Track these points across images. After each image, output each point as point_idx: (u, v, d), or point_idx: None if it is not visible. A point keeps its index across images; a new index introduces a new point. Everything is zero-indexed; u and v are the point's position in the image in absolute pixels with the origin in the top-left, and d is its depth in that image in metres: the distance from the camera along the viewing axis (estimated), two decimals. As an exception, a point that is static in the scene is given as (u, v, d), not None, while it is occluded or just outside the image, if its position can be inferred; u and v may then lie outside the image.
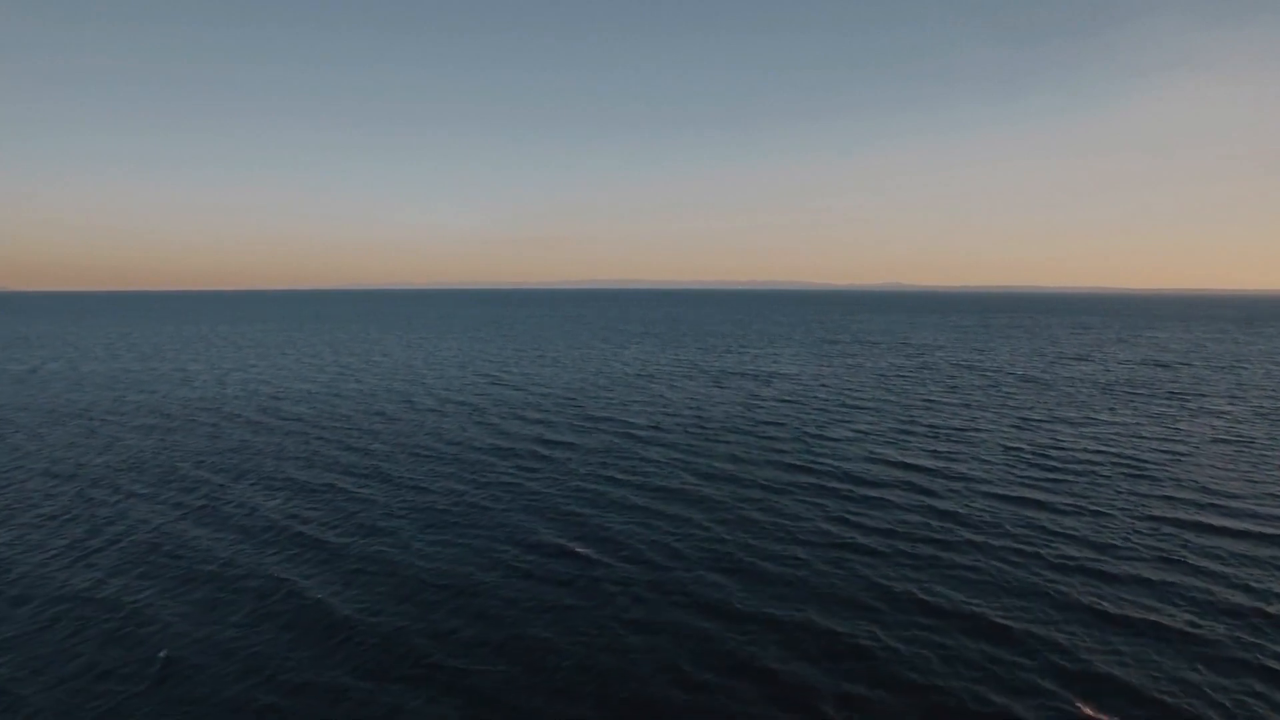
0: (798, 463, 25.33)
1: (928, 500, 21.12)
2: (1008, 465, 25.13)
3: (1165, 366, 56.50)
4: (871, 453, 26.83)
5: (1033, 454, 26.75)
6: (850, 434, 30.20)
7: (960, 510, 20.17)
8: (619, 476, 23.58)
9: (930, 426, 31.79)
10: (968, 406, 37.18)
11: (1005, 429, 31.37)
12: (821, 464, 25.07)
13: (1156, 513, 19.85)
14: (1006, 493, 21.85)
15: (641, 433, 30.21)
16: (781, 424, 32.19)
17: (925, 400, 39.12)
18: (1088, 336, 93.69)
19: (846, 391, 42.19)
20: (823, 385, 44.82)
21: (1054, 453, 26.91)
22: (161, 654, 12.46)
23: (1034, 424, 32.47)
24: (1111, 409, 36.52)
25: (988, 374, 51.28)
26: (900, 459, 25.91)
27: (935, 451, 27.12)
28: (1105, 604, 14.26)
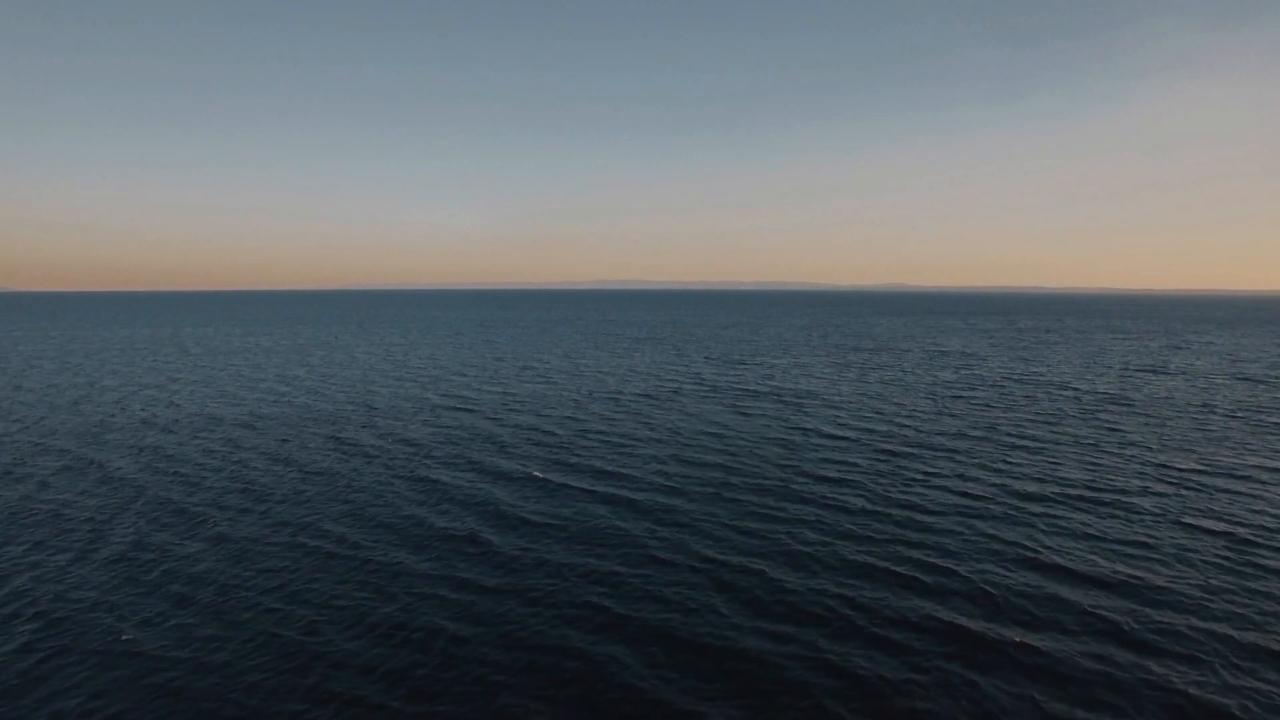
0: (887, 565, 15.93)
1: (1131, 649, 11.78)
2: (1215, 561, 15.71)
3: (1267, 383, 47.00)
4: (989, 537, 17.43)
5: (1229, 537, 17.33)
6: (941, 497, 20.81)
7: (1200, 682, 10.78)
8: (610, 607, 14.19)
9: (1046, 483, 22.36)
10: (1073, 446, 27.76)
11: (1153, 487, 21.94)
12: (929, 572, 15.65)
13: None
14: (1249, 631, 12.46)
15: (647, 501, 20.80)
16: (841, 483, 22.78)
17: (1015, 436, 29.70)
18: (1134, 343, 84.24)
19: (905, 424, 32.75)
20: (875, 412, 35.36)
21: (1258, 536, 17.49)
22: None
23: (1187, 478, 23.04)
24: (1273, 450, 27.09)
25: (1064, 394, 41.84)
26: (1037, 549, 16.50)
27: (1087, 534, 17.70)
28: None
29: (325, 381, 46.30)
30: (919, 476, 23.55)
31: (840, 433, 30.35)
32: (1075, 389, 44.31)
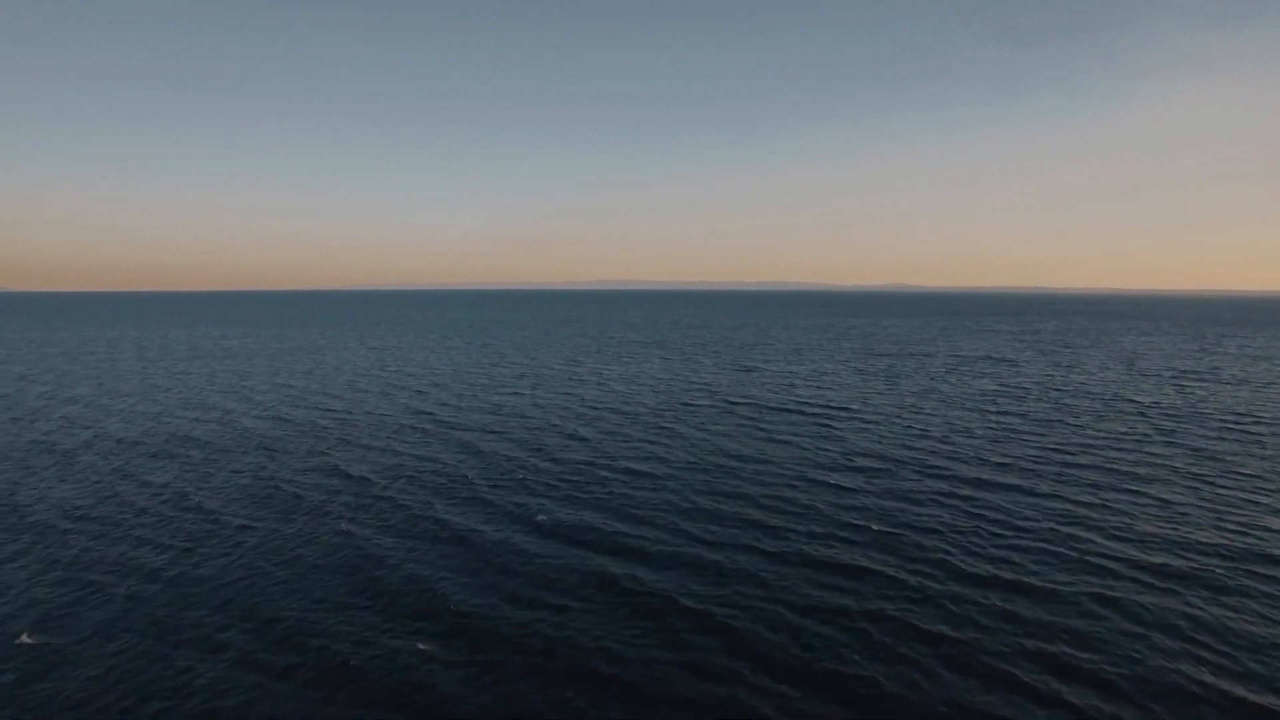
0: (1022, 706, 10.65)
1: None
2: None
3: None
4: (1141, 639, 12.13)
5: None
6: (1048, 569, 15.47)
7: None
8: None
9: (1177, 547, 17.02)
10: (1178, 482, 22.44)
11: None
12: None
13: None
14: None
15: (665, 580, 15.43)
16: (913, 546, 17.42)
17: (1101, 469, 24.35)
18: (1164, 344, 79.12)
19: (962, 448, 27.36)
20: (921, 433, 30.00)
21: None
22: None
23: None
24: None
25: (1127, 408, 36.44)
26: (1218, 661, 11.22)
27: (1271, 638, 12.43)
28: None
29: (286, 395, 40.96)
30: (1007, 533, 18.22)
31: (887, 466, 24.94)
32: (1135, 401, 39.02)
